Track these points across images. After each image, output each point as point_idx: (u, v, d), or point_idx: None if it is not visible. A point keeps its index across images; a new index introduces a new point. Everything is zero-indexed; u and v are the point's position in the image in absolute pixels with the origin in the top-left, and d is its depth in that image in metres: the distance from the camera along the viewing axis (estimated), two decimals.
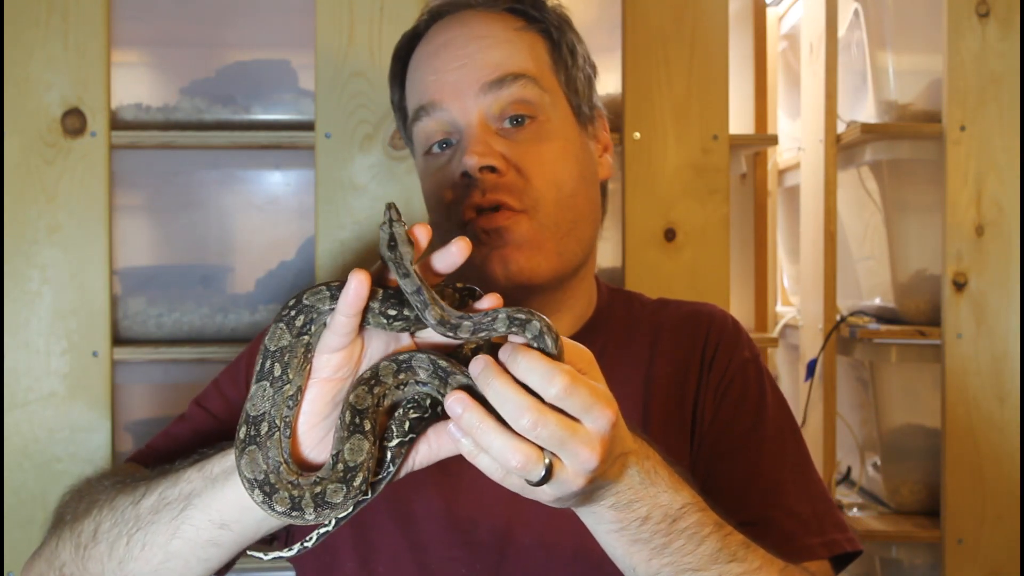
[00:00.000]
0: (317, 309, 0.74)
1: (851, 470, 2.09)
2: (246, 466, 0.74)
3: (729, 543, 0.83)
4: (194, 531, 0.80)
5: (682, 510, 0.80)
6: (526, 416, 0.69)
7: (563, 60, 1.06)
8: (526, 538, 0.98)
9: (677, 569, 0.81)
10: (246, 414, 0.75)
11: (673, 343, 1.08)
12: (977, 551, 1.80)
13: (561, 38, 1.06)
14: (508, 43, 1.02)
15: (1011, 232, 1.81)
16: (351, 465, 0.73)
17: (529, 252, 0.98)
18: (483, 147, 0.98)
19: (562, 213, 1.00)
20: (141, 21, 1.69)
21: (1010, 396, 1.81)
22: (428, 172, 1.06)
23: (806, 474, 1.04)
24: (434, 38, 1.05)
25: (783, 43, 2.30)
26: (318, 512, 0.74)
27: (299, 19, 1.66)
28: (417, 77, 1.06)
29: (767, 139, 2.03)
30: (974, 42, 1.80)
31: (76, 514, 0.89)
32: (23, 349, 1.58)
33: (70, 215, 1.59)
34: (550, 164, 1.01)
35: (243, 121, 1.68)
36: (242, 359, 1.10)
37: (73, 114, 1.59)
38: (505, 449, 0.69)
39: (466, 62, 1.01)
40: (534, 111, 1.01)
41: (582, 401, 0.70)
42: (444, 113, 1.01)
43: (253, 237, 1.75)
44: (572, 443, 0.70)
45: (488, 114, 1.00)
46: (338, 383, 0.76)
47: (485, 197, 0.98)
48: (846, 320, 1.94)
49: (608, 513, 0.79)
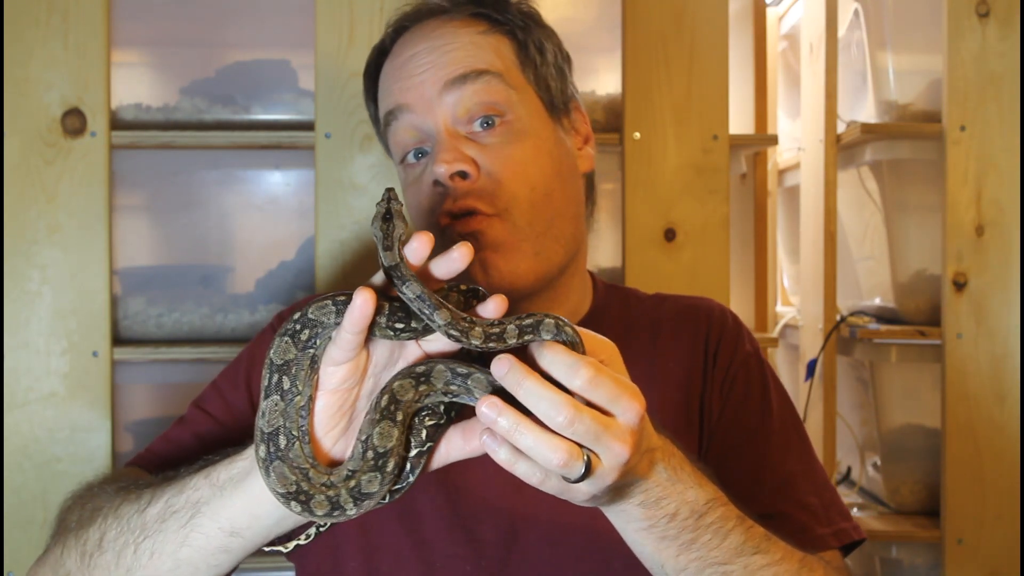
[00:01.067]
0: (322, 323, 0.74)
1: (851, 470, 2.09)
2: (276, 482, 0.73)
3: (752, 536, 0.84)
4: (204, 539, 0.80)
5: (707, 505, 0.81)
6: (563, 412, 0.68)
7: (531, 59, 1.05)
8: (531, 534, 0.98)
9: (704, 564, 0.81)
10: (261, 432, 0.74)
11: (674, 338, 1.09)
12: (977, 551, 1.80)
13: (527, 37, 1.06)
14: (471, 45, 1.03)
15: (1011, 232, 1.81)
16: (381, 451, 0.73)
17: (506, 254, 0.98)
18: (452, 154, 0.98)
19: (537, 213, 1.00)
20: (141, 21, 1.69)
21: (1010, 396, 1.81)
22: (407, 182, 1.06)
23: (811, 464, 1.06)
24: (400, 52, 1.06)
25: (783, 43, 2.30)
26: (358, 505, 0.74)
27: (299, 19, 1.66)
28: (385, 87, 1.07)
29: (767, 139, 2.03)
30: (974, 42, 1.80)
31: (81, 521, 0.88)
32: (23, 349, 1.58)
33: (70, 215, 1.59)
34: (521, 164, 1.00)
35: (243, 121, 1.68)
36: (242, 361, 1.10)
37: (73, 114, 1.59)
38: (546, 448, 0.69)
39: (429, 66, 1.01)
40: (501, 110, 1.01)
41: (608, 392, 0.70)
42: (411, 116, 1.02)
43: (253, 237, 1.75)
44: (606, 437, 0.70)
45: (455, 117, 1.00)
46: (345, 393, 0.75)
47: (456, 203, 0.98)
48: (846, 320, 1.94)
49: (637, 511, 0.79)
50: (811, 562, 0.89)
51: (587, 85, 1.77)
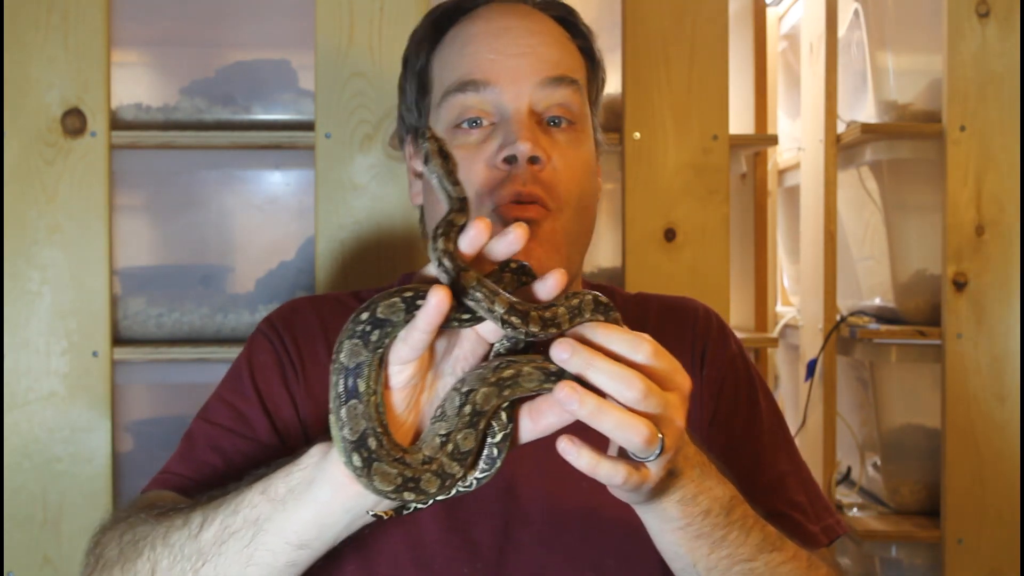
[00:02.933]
0: (392, 322, 0.71)
1: (851, 470, 2.09)
2: (382, 484, 0.71)
3: (768, 533, 0.85)
4: (271, 556, 0.78)
5: (732, 501, 0.81)
6: (635, 386, 0.68)
7: (596, 84, 1.09)
8: (525, 535, 0.98)
9: (733, 560, 0.82)
10: (346, 441, 0.71)
11: (658, 337, 1.09)
12: (977, 551, 1.80)
13: (596, 65, 1.10)
14: (564, 47, 1.05)
15: (1011, 232, 1.81)
16: (463, 451, 0.73)
17: (548, 250, 0.98)
18: (535, 136, 0.98)
19: (578, 220, 1.01)
20: (141, 21, 1.69)
21: (1010, 396, 1.81)
22: (455, 143, 1.03)
23: (798, 461, 1.08)
24: (494, 19, 1.04)
25: (783, 43, 2.30)
26: (462, 464, 0.74)
27: (299, 19, 1.66)
28: (469, 51, 1.03)
29: (767, 139, 2.03)
30: (974, 42, 1.80)
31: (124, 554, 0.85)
32: (23, 349, 1.58)
33: (70, 215, 1.59)
34: (580, 169, 1.02)
35: (243, 121, 1.68)
36: (242, 370, 1.07)
37: (73, 114, 1.59)
38: (629, 426, 0.68)
39: (527, 52, 1.01)
40: (574, 117, 1.03)
41: (669, 363, 0.69)
42: (494, 95, 1.00)
43: (253, 237, 1.75)
44: (669, 409, 0.69)
45: (537, 107, 1.01)
46: (412, 390, 0.74)
47: (526, 187, 0.97)
48: (846, 320, 1.94)
49: (675, 509, 0.79)
50: (815, 560, 0.91)
51: None
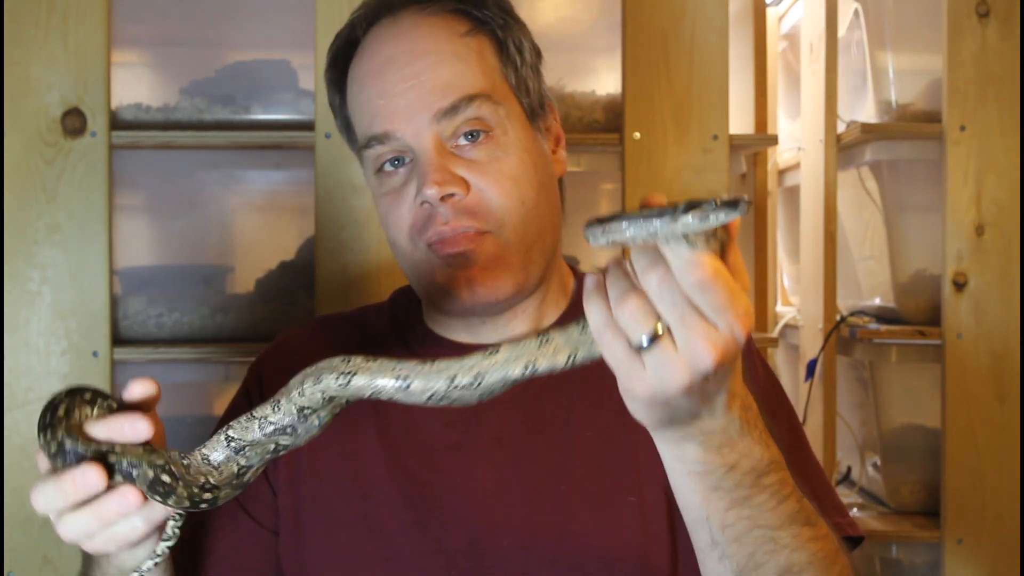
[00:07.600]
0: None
1: (851, 470, 2.09)
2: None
3: (805, 507, 0.82)
4: None
5: (769, 466, 0.77)
6: (655, 272, 0.65)
7: (512, 61, 1.01)
8: (503, 540, 0.96)
9: (753, 524, 0.78)
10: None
11: None
12: (977, 551, 1.80)
13: (507, 36, 1.01)
14: (456, 58, 0.97)
15: (1011, 232, 1.81)
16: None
17: (495, 271, 0.96)
18: (442, 174, 0.94)
19: (527, 226, 0.97)
20: (141, 21, 1.69)
21: (1010, 396, 1.80)
22: (381, 191, 1.00)
23: (804, 454, 1.05)
24: (376, 52, 0.99)
25: (783, 43, 2.30)
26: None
27: (299, 19, 1.66)
28: (363, 99, 1.00)
29: (767, 139, 2.03)
30: (974, 42, 1.80)
31: None
32: (23, 349, 1.58)
33: (70, 215, 1.59)
34: (511, 179, 0.97)
35: (243, 121, 1.68)
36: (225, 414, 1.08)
37: (73, 114, 1.59)
38: (624, 298, 0.66)
39: (414, 83, 0.96)
40: (489, 126, 0.97)
41: (719, 300, 0.64)
42: (398, 140, 0.97)
43: (253, 237, 1.75)
44: (693, 324, 0.65)
45: (442, 136, 0.96)
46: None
47: (448, 224, 0.94)
48: (846, 320, 1.94)
49: (694, 451, 0.74)
50: (844, 549, 0.88)
51: (587, 85, 1.77)
